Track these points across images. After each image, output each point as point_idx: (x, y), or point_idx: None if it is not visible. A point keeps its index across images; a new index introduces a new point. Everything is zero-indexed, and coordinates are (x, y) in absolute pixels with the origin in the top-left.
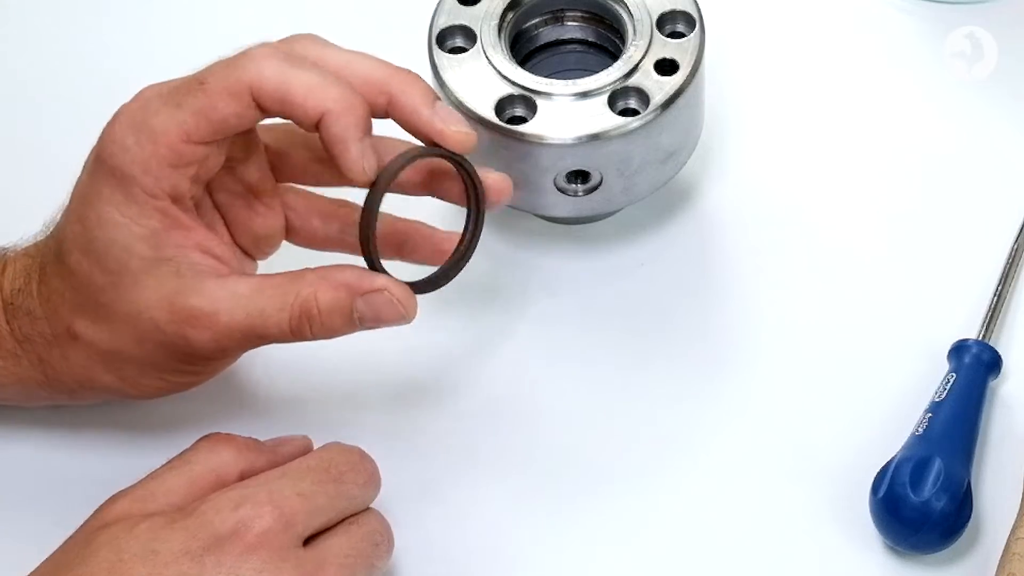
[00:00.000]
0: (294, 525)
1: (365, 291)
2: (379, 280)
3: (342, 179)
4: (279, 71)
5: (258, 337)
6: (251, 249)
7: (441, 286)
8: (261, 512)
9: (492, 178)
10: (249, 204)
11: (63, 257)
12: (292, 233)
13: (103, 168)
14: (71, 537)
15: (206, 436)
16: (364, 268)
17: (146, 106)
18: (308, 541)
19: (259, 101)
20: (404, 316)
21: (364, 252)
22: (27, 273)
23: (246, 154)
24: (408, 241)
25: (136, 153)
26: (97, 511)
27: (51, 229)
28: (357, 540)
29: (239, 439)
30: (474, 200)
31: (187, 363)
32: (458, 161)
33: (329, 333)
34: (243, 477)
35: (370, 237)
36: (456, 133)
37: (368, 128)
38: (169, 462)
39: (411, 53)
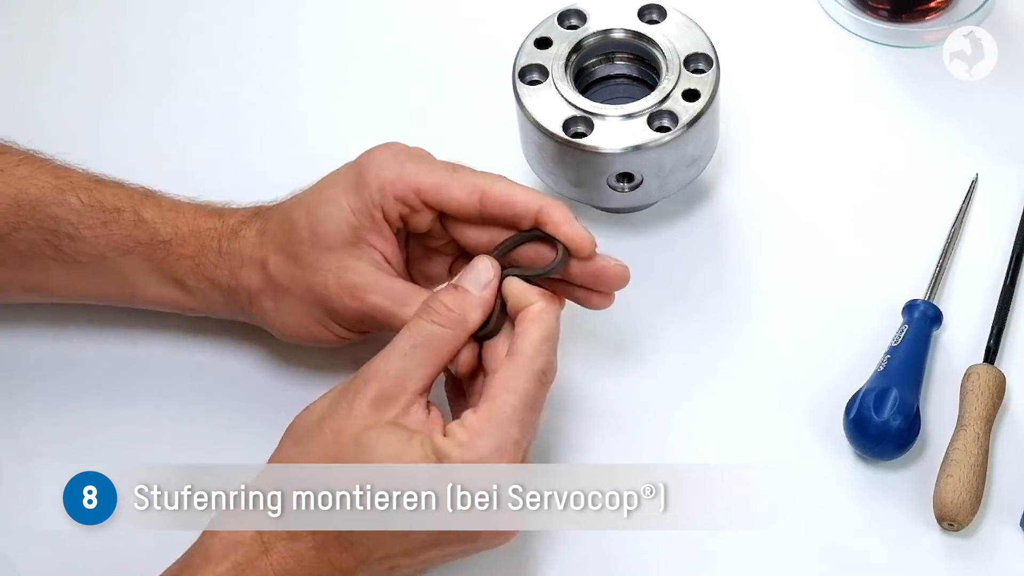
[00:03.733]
0: None
1: None
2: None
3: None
4: (505, 185)
5: (388, 323)
6: (421, 283)
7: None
8: None
9: (614, 266)
10: (428, 254)
11: (291, 210)
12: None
13: (357, 169)
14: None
15: (427, 307)
16: None
17: (411, 154)
18: None
19: (486, 202)
20: None
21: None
22: (256, 212)
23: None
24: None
25: (383, 174)
26: (359, 388)
27: (296, 195)
28: None
29: (455, 304)
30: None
31: (329, 319)
32: (557, 245)
33: None
34: (468, 338)
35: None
36: (582, 235)
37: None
38: (405, 336)
39: (500, 85)
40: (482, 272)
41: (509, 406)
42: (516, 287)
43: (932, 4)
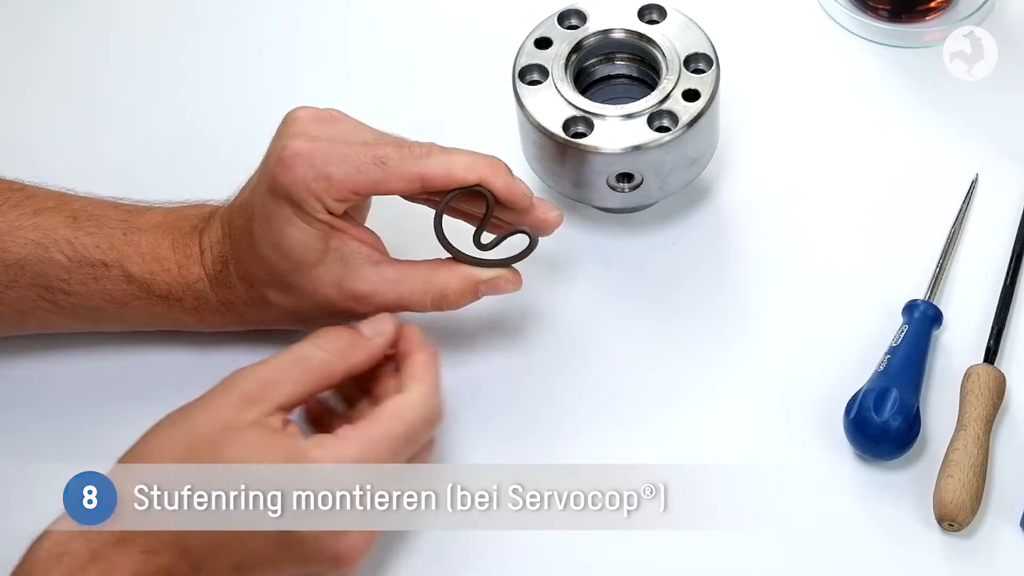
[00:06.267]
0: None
1: (485, 279)
2: (487, 273)
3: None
4: (441, 162)
5: (404, 309)
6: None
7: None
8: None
9: (554, 218)
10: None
11: (256, 248)
12: None
13: (280, 192)
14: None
15: (319, 332)
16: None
17: (324, 155)
18: None
19: (427, 184)
20: (518, 288)
21: (445, 247)
22: (223, 259)
23: None
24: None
25: (313, 187)
26: (224, 388)
27: (234, 215)
28: None
29: (342, 337)
30: (488, 219)
31: (350, 316)
32: (485, 197)
33: (459, 307)
34: (350, 374)
35: (446, 238)
36: (518, 194)
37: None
38: (287, 352)
39: (499, 85)
40: (382, 323)
41: (391, 431)
42: (411, 334)
43: (932, 4)
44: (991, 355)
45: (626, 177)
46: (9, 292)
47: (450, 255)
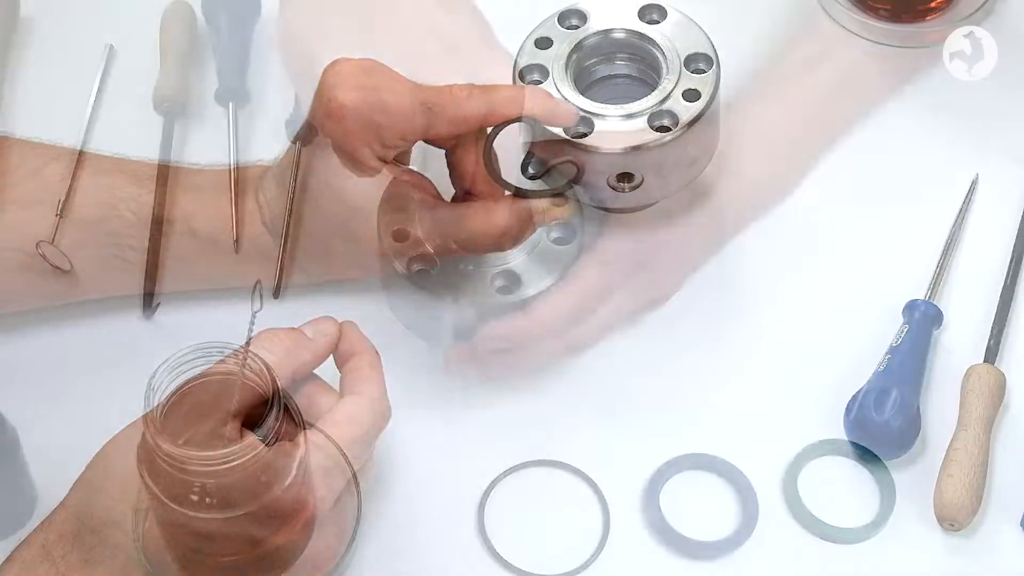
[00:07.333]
0: None
1: (541, 210)
2: (541, 203)
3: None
4: (482, 101)
5: (465, 252)
6: None
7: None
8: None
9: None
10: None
11: (317, 201)
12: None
13: (331, 144)
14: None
15: (262, 334)
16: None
17: (370, 105)
18: None
19: (472, 125)
20: (570, 214)
21: (497, 180)
22: (282, 215)
23: None
24: None
25: (363, 137)
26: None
27: (287, 171)
28: None
29: (287, 338)
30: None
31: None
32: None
33: (519, 244)
34: (295, 376)
35: (498, 171)
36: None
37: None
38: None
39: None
40: (325, 325)
41: (350, 435)
42: (352, 334)
43: (932, 4)
44: (991, 355)
45: (626, 177)
46: (82, 251)
47: (504, 188)
